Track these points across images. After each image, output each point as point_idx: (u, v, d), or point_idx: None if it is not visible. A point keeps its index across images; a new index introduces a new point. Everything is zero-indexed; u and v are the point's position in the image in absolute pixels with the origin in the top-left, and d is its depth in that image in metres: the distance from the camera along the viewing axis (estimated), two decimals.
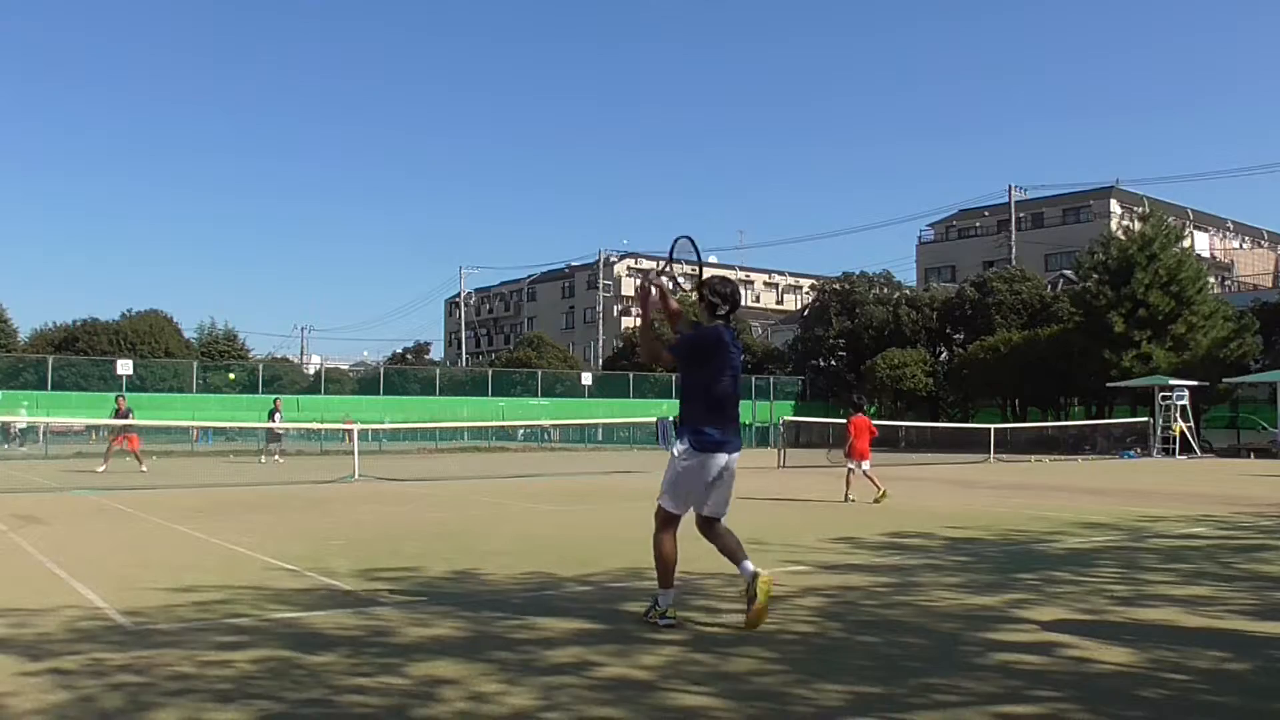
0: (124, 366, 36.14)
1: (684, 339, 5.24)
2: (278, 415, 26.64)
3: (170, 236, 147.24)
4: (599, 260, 72.64)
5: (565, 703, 3.73)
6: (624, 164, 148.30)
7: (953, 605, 5.74)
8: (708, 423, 5.08)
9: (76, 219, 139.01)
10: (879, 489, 13.01)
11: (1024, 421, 38.92)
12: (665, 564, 5.14)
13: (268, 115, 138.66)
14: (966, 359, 42.04)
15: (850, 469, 13.56)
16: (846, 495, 13.25)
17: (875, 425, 14.41)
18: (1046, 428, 36.38)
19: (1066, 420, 39.06)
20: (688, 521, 5.26)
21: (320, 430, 30.69)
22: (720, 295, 5.20)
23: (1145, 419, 32.66)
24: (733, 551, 5.16)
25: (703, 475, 5.08)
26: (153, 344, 51.00)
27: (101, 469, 20.05)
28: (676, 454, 5.13)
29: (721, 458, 5.08)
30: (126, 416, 21.86)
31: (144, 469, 20.32)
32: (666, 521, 5.17)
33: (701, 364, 5.14)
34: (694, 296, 5.44)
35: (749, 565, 5.08)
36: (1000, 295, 43.63)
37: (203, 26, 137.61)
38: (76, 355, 45.66)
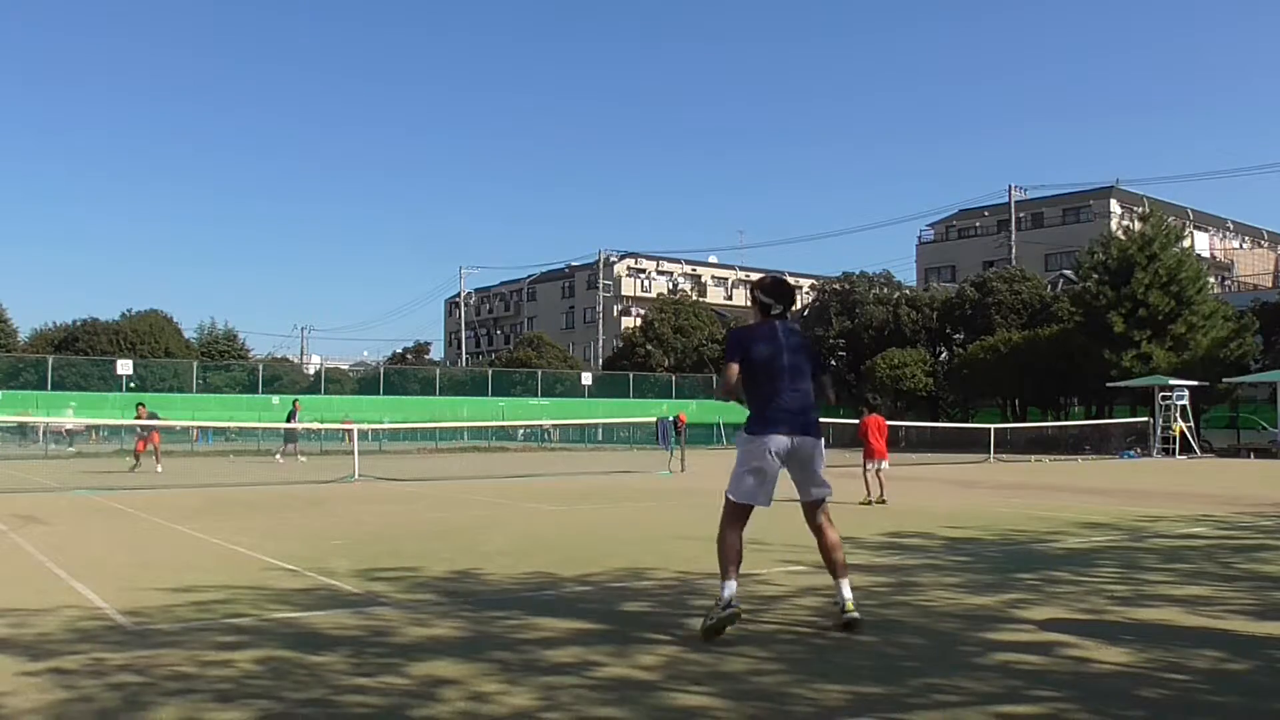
0: (124, 366, 36.18)
1: (726, 348, 5.33)
2: (296, 416, 26.77)
3: (170, 236, 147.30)
4: (599, 260, 72.59)
5: (566, 703, 3.74)
6: (624, 163, 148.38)
7: (952, 605, 5.74)
8: (761, 409, 5.11)
9: (76, 219, 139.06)
10: (880, 491, 12.97)
11: (1024, 421, 38.93)
12: (723, 555, 5.03)
13: (268, 115, 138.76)
14: (966, 359, 42.03)
15: (867, 469, 13.38)
16: (868, 496, 12.95)
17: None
18: (1046, 428, 36.40)
19: (1066, 420, 39.07)
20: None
21: (320, 430, 30.73)
22: (772, 294, 5.32)
23: (1145, 419, 32.66)
24: (831, 556, 5.12)
25: (761, 458, 5.05)
26: (153, 344, 51.01)
27: (160, 469, 20.58)
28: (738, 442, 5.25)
29: (777, 439, 5.06)
30: (153, 418, 22.50)
31: (159, 469, 20.61)
32: (729, 514, 5.12)
33: (747, 358, 5.18)
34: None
35: (845, 590, 5.03)
36: (1000, 295, 43.64)
37: (203, 26, 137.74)
38: (76, 355, 45.69)
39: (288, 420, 26.96)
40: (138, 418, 22.42)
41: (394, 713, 3.62)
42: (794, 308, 5.45)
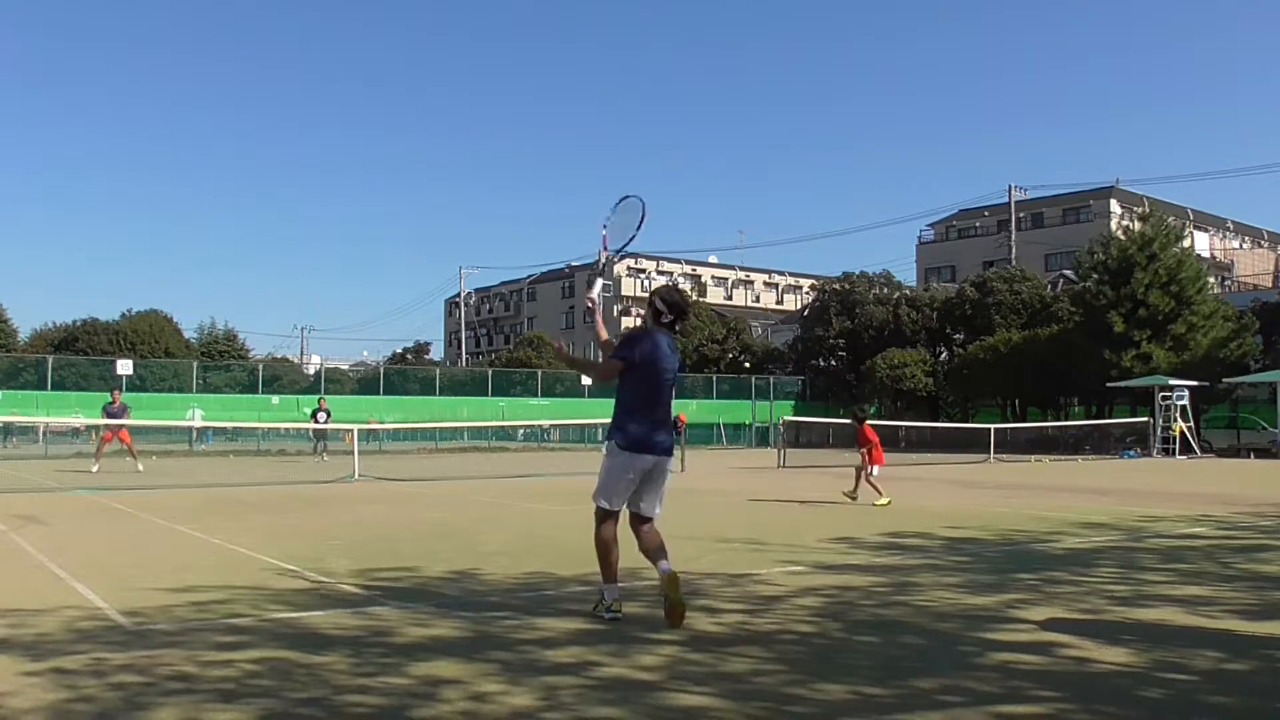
0: (124, 366, 36.13)
1: (631, 346, 5.34)
2: (321, 415, 26.64)
3: (170, 236, 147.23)
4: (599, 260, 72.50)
5: (566, 703, 3.74)
6: (624, 164, 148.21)
7: (952, 605, 5.74)
8: (637, 423, 5.26)
9: (76, 219, 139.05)
10: (855, 491, 12.98)
11: (1024, 421, 38.91)
12: (603, 558, 5.29)
13: (268, 115, 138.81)
14: (966, 359, 42.02)
15: (866, 472, 13.21)
16: (853, 490, 12.97)
17: (875, 426, 14.23)
18: (1046, 428, 36.36)
19: (1066, 420, 39.03)
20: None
21: (323, 430, 30.70)
22: (667, 304, 5.40)
23: (1145, 419, 32.65)
24: (650, 551, 5.25)
25: (630, 473, 5.23)
26: (153, 344, 51.01)
27: (95, 469, 19.40)
28: (607, 452, 5.35)
29: (649, 458, 5.24)
30: (121, 414, 20.67)
31: (140, 468, 19.67)
32: (604, 518, 5.33)
33: (640, 368, 5.28)
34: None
35: (666, 565, 5.14)
36: (1000, 295, 43.61)
37: (203, 26, 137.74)
38: (76, 355, 45.66)
39: (313, 418, 26.58)
40: (112, 403, 20.73)
41: (395, 713, 3.62)
42: (682, 322, 5.54)
